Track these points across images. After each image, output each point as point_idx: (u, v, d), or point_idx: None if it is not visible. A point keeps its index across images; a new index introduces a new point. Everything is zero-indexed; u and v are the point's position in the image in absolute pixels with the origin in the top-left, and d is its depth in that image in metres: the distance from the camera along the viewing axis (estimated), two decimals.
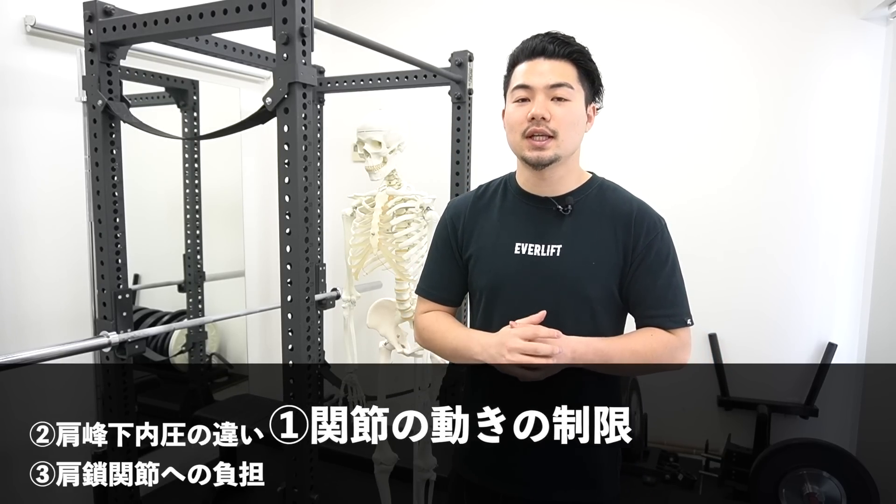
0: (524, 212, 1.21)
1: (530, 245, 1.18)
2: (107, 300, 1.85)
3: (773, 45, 2.93)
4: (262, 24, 1.48)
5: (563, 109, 1.13)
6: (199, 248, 2.96)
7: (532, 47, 1.15)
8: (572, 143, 1.16)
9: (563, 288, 1.15)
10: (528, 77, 1.14)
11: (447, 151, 2.69)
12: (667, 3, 3.07)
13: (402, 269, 1.87)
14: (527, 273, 1.17)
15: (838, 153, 2.88)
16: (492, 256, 1.21)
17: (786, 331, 3.03)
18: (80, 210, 2.26)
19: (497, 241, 1.21)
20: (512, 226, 1.21)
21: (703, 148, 3.08)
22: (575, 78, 1.14)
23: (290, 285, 1.54)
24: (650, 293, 1.16)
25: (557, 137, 1.13)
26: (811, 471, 2.42)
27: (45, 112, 2.20)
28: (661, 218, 1.20)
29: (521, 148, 1.16)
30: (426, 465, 2.00)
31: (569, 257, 1.16)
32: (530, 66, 1.14)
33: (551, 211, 1.19)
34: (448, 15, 3.46)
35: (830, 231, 2.93)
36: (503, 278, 1.19)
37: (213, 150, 2.93)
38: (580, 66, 1.15)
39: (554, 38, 1.15)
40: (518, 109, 1.15)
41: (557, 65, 1.13)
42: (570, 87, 1.13)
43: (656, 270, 1.16)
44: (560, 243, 1.16)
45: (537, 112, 1.11)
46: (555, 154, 1.14)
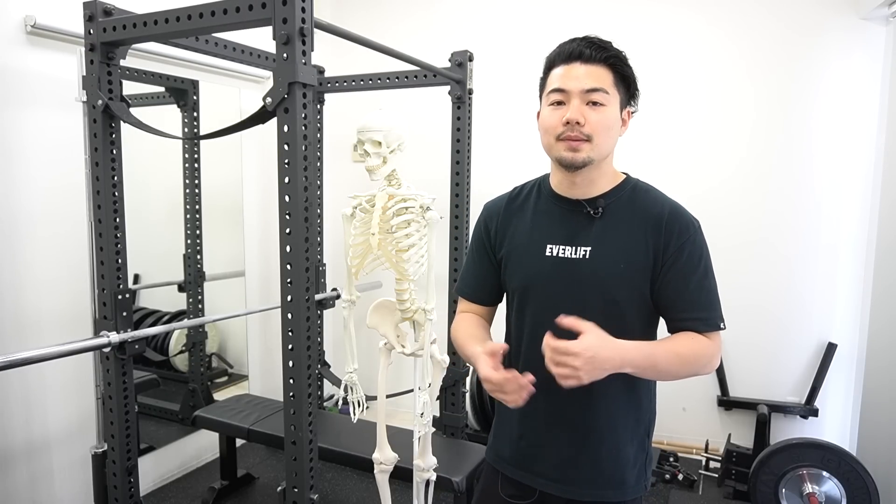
0: (556, 214, 1.22)
1: (561, 247, 1.19)
2: (107, 300, 1.85)
3: (774, 46, 2.93)
4: (262, 24, 1.49)
5: (598, 114, 1.13)
6: (199, 248, 2.96)
7: (569, 51, 1.15)
8: (606, 147, 1.17)
9: (591, 289, 1.16)
10: (564, 81, 1.13)
11: (447, 151, 2.69)
12: (668, 4, 3.08)
13: (402, 269, 1.87)
14: (557, 274, 1.18)
15: (838, 153, 2.89)
16: (524, 257, 1.23)
17: (786, 331, 3.03)
18: (80, 210, 2.26)
19: (529, 242, 1.22)
20: (544, 227, 1.22)
21: (703, 148, 3.09)
22: (611, 82, 1.14)
23: (290, 285, 1.54)
24: (682, 296, 1.15)
25: (592, 141, 1.13)
26: (811, 471, 2.42)
27: (45, 112, 2.21)
28: (694, 220, 1.19)
29: (555, 150, 1.16)
30: (426, 465, 2.00)
31: (598, 259, 1.16)
32: (566, 69, 1.14)
33: (582, 213, 1.19)
34: (448, 15, 3.46)
35: (830, 231, 2.93)
36: (534, 279, 1.21)
37: (213, 150, 2.93)
38: (616, 71, 1.15)
39: (591, 43, 1.15)
40: (553, 113, 1.15)
41: (594, 69, 1.13)
42: (605, 92, 1.13)
43: (688, 273, 1.14)
44: (589, 245, 1.17)
45: (572, 117, 1.11)
46: (588, 157, 1.14)
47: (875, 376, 2.71)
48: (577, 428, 1.20)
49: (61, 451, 2.35)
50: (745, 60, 2.99)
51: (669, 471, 2.85)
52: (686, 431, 3.22)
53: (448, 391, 2.73)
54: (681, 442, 3.20)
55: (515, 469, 1.27)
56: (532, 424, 1.23)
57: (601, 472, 1.20)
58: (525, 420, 1.24)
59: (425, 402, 1.99)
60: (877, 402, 2.67)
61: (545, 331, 1.07)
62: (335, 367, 3.52)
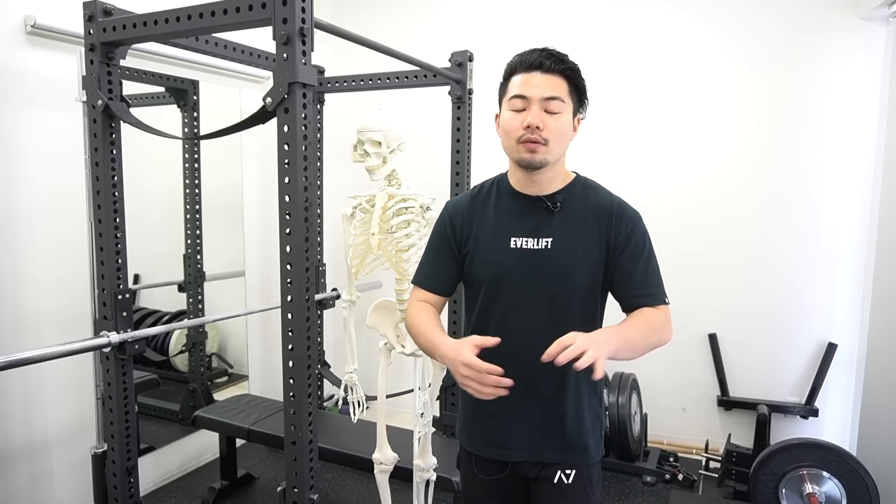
0: (517, 209, 1.34)
1: (524, 239, 1.31)
2: (107, 300, 1.85)
3: (774, 46, 2.93)
4: (262, 24, 1.49)
5: (555, 121, 1.25)
6: (199, 248, 2.96)
7: (530, 61, 1.26)
8: (560, 150, 1.29)
9: (555, 276, 1.29)
10: (525, 88, 1.25)
11: (447, 151, 2.69)
12: (668, 4, 3.08)
13: (402, 269, 1.87)
14: (523, 265, 1.30)
15: (838, 153, 2.89)
16: (490, 250, 1.34)
17: (786, 331, 3.03)
18: (80, 210, 2.26)
19: (494, 237, 1.33)
20: (507, 222, 1.33)
21: (703, 148, 3.08)
22: (566, 92, 1.26)
23: (290, 285, 1.54)
24: (633, 276, 1.30)
25: (548, 145, 1.25)
26: (811, 471, 2.43)
27: (45, 112, 2.21)
28: (637, 212, 1.34)
29: (516, 151, 1.28)
30: (426, 465, 2.00)
31: (559, 249, 1.29)
32: (527, 78, 1.25)
33: (542, 208, 1.32)
34: (448, 15, 3.47)
35: (830, 231, 2.93)
36: (500, 270, 1.32)
37: (213, 150, 2.93)
38: (571, 82, 1.26)
39: (550, 55, 1.26)
40: (515, 117, 1.26)
41: (552, 79, 1.24)
42: (561, 101, 1.25)
43: (636, 257, 1.30)
44: (551, 237, 1.30)
45: (532, 121, 1.23)
46: (545, 158, 1.26)
47: (875, 376, 2.71)
48: (544, 404, 1.32)
49: (61, 452, 2.35)
50: (746, 60, 2.99)
51: (669, 471, 2.85)
52: (686, 431, 3.22)
53: (448, 391, 2.73)
54: (681, 442, 3.21)
55: (486, 447, 1.38)
56: (500, 405, 1.27)
57: (566, 439, 1.33)
58: (493, 401, 1.28)
59: (425, 402, 2.00)
60: (877, 402, 2.67)
61: (514, 316, 1.29)
62: (335, 367, 3.52)
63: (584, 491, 1.35)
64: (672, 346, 3.47)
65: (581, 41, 3.19)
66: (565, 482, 1.34)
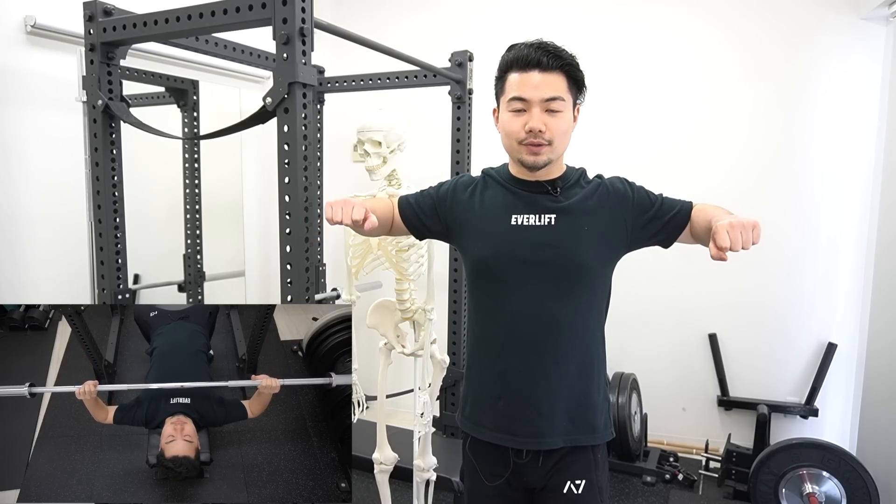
0: (518, 192, 1.31)
1: (526, 216, 1.28)
2: (107, 300, 1.85)
3: (773, 46, 2.93)
4: (262, 24, 1.49)
5: (557, 120, 1.22)
6: (199, 248, 2.96)
7: (526, 58, 1.21)
8: (564, 146, 1.27)
9: (558, 252, 1.25)
10: (524, 90, 1.21)
11: (447, 151, 2.69)
12: (668, 4, 3.08)
13: (402, 269, 1.87)
14: (524, 241, 1.26)
15: (838, 153, 2.89)
16: (490, 227, 1.30)
17: (786, 331, 3.03)
18: (80, 210, 2.26)
19: (495, 215, 1.31)
20: (509, 202, 1.31)
21: (703, 148, 3.09)
22: (566, 89, 1.23)
23: (290, 285, 1.54)
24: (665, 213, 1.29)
25: (552, 144, 1.23)
26: (811, 471, 2.43)
27: (45, 112, 2.21)
28: (619, 176, 1.35)
29: (518, 152, 1.26)
30: (426, 465, 2.00)
31: (563, 225, 1.26)
32: (524, 77, 1.22)
33: (544, 192, 1.30)
34: (448, 15, 3.46)
35: (830, 231, 2.93)
36: (504, 246, 1.28)
37: (213, 150, 2.93)
38: (570, 76, 1.23)
39: (547, 51, 1.21)
40: (515, 119, 1.24)
41: (550, 77, 1.21)
42: (562, 100, 1.22)
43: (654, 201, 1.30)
44: (554, 213, 1.27)
45: (534, 126, 1.20)
46: (549, 158, 1.25)
47: (875, 376, 2.71)
48: (552, 384, 1.27)
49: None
50: (745, 60, 2.99)
51: (669, 471, 2.85)
52: (686, 431, 3.22)
53: (448, 391, 2.73)
54: (681, 442, 3.21)
55: (493, 432, 1.32)
56: (509, 385, 1.28)
57: (573, 421, 1.29)
58: (501, 381, 1.30)
59: (425, 402, 2.00)
60: (877, 402, 2.67)
61: (517, 293, 1.25)
62: None
63: (595, 501, 1.31)
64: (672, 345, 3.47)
65: (581, 41, 3.16)
66: (575, 493, 1.29)
